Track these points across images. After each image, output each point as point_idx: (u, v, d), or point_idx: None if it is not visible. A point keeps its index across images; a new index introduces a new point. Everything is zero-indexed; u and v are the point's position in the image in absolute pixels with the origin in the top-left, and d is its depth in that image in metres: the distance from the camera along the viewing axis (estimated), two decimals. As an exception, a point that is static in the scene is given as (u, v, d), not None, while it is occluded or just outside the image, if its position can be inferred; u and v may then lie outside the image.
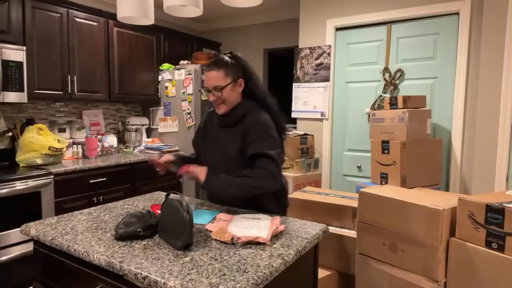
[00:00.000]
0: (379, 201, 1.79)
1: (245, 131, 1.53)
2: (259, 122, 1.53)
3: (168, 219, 1.24)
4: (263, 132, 1.51)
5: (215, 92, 1.55)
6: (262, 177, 1.44)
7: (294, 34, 3.88)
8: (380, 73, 3.20)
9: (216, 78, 1.53)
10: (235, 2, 1.79)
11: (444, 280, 1.59)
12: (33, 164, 2.71)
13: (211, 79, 1.54)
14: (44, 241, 1.28)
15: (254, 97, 1.60)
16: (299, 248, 1.19)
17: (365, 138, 3.25)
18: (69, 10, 3.01)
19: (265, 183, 1.45)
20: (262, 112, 1.57)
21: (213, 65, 1.56)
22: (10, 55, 2.56)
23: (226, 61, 1.55)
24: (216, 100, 1.57)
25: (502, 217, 1.40)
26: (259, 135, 1.50)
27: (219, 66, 1.54)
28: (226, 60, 1.56)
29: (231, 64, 1.55)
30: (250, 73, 1.61)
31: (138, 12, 1.82)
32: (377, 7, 3.17)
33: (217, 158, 1.61)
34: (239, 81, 1.57)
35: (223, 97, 1.55)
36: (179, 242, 1.16)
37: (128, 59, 3.54)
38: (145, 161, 3.30)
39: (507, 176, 2.53)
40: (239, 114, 1.58)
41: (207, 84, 1.56)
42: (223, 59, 1.56)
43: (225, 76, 1.53)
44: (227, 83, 1.54)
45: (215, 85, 1.54)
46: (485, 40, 2.59)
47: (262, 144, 1.48)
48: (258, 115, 1.55)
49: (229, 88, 1.54)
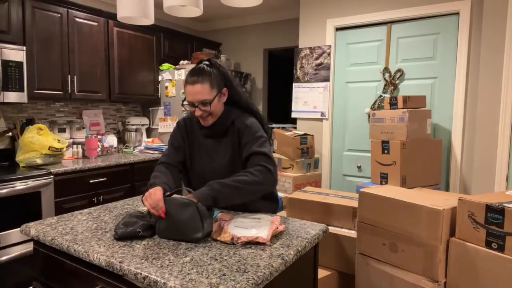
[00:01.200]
0: (379, 201, 1.79)
1: (237, 137, 1.53)
2: (248, 125, 1.53)
3: (177, 216, 1.24)
4: (253, 134, 1.51)
5: (202, 107, 1.47)
6: (261, 173, 1.42)
7: (294, 34, 3.88)
8: (380, 73, 3.20)
9: (202, 92, 1.45)
10: (235, 2, 1.79)
11: (444, 280, 1.59)
12: (33, 164, 2.71)
13: (196, 93, 1.45)
14: (44, 241, 1.28)
15: (237, 104, 1.60)
16: (299, 248, 1.19)
17: (365, 138, 3.25)
18: (69, 10, 3.01)
19: (265, 179, 1.43)
20: (248, 116, 1.58)
21: (196, 77, 1.45)
22: (10, 55, 2.56)
23: (208, 72, 1.47)
24: (203, 114, 1.49)
25: (502, 217, 1.40)
26: (251, 137, 1.51)
27: (203, 78, 1.45)
28: (208, 70, 1.47)
29: (213, 74, 1.48)
30: (231, 80, 1.57)
31: (138, 12, 1.82)
32: (377, 7, 3.17)
33: (208, 169, 1.58)
34: (223, 91, 1.53)
35: (210, 110, 1.49)
36: (198, 233, 1.20)
37: (128, 59, 3.54)
38: (145, 161, 3.30)
39: (507, 176, 2.53)
40: (227, 122, 1.55)
41: (192, 99, 1.47)
42: (205, 69, 1.47)
43: (211, 89, 1.46)
44: (214, 95, 1.47)
45: (201, 99, 1.45)
46: (485, 40, 2.59)
47: (255, 144, 1.49)
48: (246, 120, 1.55)
49: (216, 100, 1.49)
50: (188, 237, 1.22)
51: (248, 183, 1.39)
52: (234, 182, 1.38)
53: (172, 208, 1.26)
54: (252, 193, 1.44)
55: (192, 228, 1.22)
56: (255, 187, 1.41)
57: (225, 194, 1.35)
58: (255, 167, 1.43)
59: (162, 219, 1.27)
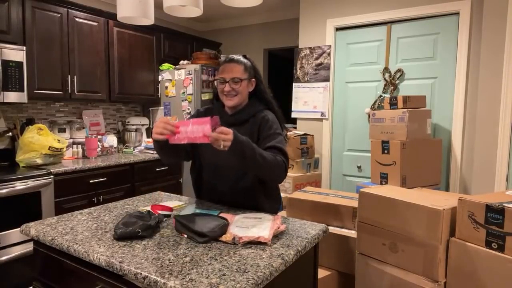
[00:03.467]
0: (379, 201, 1.79)
1: (257, 128, 1.59)
2: (270, 120, 1.61)
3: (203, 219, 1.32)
4: (274, 129, 1.58)
5: (233, 84, 1.58)
6: (279, 164, 1.47)
7: (294, 34, 3.88)
8: (380, 73, 3.20)
9: (237, 71, 1.59)
10: (235, 2, 1.79)
11: (444, 280, 1.59)
12: (33, 164, 2.71)
13: (231, 71, 1.59)
14: (44, 241, 1.28)
15: (261, 99, 1.69)
16: (299, 248, 1.19)
17: (365, 138, 3.25)
18: (69, 10, 3.01)
19: (279, 171, 1.48)
20: (270, 112, 1.67)
21: (233, 59, 1.63)
22: (10, 55, 2.56)
23: (243, 61, 1.64)
24: (231, 91, 1.59)
25: (502, 217, 1.40)
26: (271, 131, 1.57)
27: (239, 62, 1.62)
28: (243, 59, 1.65)
29: (247, 64, 1.64)
30: (260, 76, 1.70)
31: (138, 12, 1.82)
32: (377, 7, 3.17)
33: (222, 156, 1.56)
34: (252, 81, 1.66)
35: (239, 89, 1.59)
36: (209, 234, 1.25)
37: (128, 59, 3.54)
38: (145, 161, 3.30)
39: (507, 176, 2.53)
40: (249, 113, 1.64)
41: (224, 75, 1.59)
42: (241, 58, 1.64)
43: (244, 71, 1.61)
44: (245, 77, 1.61)
45: (234, 76, 1.58)
46: (485, 40, 2.59)
47: (275, 140, 1.54)
48: (269, 114, 1.64)
49: (245, 83, 1.61)
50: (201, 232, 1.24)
51: (268, 164, 1.43)
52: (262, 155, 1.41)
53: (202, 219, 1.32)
54: (264, 172, 1.48)
55: (209, 229, 1.25)
56: (270, 171, 1.46)
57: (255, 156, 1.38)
58: (278, 156, 1.49)
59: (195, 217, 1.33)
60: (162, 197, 1.86)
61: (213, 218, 1.36)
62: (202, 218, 1.34)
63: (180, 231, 1.29)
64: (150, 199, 1.80)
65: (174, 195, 1.91)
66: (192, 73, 3.66)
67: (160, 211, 1.49)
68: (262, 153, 1.42)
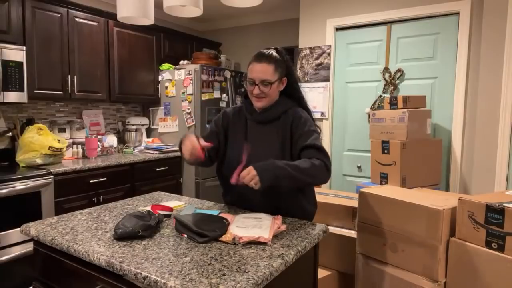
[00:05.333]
0: (379, 201, 1.79)
1: (289, 126, 1.52)
2: (304, 117, 1.53)
3: (204, 219, 1.34)
4: (308, 126, 1.50)
5: (262, 87, 1.49)
6: (319, 168, 1.40)
7: (294, 34, 3.88)
8: (380, 73, 3.20)
9: (267, 72, 1.48)
10: (235, 2, 1.79)
11: (444, 280, 1.59)
12: (33, 164, 2.71)
13: (261, 72, 1.48)
14: (44, 241, 1.28)
15: (293, 96, 1.60)
16: (299, 248, 1.19)
17: (365, 138, 3.25)
18: (69, 10, 3.01)
19: (321, 174, 1.41)
20: (302, 109, 1.57)
21: (264, 58, 1.50)
22: (10, 55, 2.56)
23: (275, 57, 1.51)
24: (260, 94, 1.50)
25: (502, 217, 1.40)
26: (306, 129, 1.49)
27: (269, 60, 1.49)
28: (275, 56, 1.52)
29: (279, 61, 1.52)
30: (292, 73, 1.59)
31: (138, 12, 1.82)
32: (377, 7, 3.17)
33: (256, 155, 1.49)
34: (283, 80, 1.56)
35: (269, 92, 1.50)
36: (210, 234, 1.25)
37: (128, 59, 3.54)
38: (145, 161, 3.30)
39: (507, 176, 2.53)
40: (280, 110, 1.55)
41: (254, 76, 1.49)
42: (273, 54, 1.52)
43: (274, 72, 1.49)
44: (275, 79, 1.50)
45: (263, 79, 1.48)
46: (485, 40, 2.59)
47: (311, 138, 1.47)
48: (301, 112, 1.55)
49: (275, 85, 1.51)
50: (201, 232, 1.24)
51: (307, 173, 1.37)
52: (297, 168, 1.35)
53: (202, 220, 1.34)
54: (305, 182, 1.42)
55: (209, 230, 1.25)
56: (312, 178, 1.40)
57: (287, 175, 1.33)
58: (315, 160, 1.41)
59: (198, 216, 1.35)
60: (162, 197, 1.86)
61: (213, 218, 1.36)
62: (202, 218, 1.34)
63: (180, 231, 1.29)
64: (150, 199, 1.80)
65: (174, 195, 1.91)
66: (192, 73, 3.66)
67: (160, 211, 1.49)
68: (297, 165, 1.35)
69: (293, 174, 1.34)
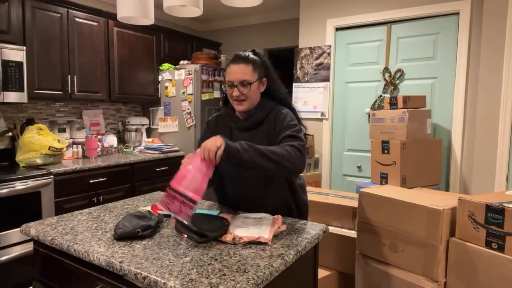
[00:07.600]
0: (379, 201, 1.79)
1: (272, 125, 1.49)
2: (284, 113, 1.50)
3: (203, 219, 1.34)
4: (288, 121, 1.47)
5: (241, 88, 1.45)
6: (292, 151, 1.34)
7: (294, 34, 3.88)
8: (380, 73, 3.20)
9: (245, 72, 1.45)
10: (235, 2, 1.79)
11: (444, 280, 1.59)
12: (33, 164, 2.71)
13: (239, 73, 1.45)
14: (44, 241, 1.28)
15: (274, 97, 1.57)
16: (299, 248, 1.19)
17: (365, 138, 3.25)
18: (69, 10, 3.01)
19: (294, 157, 1.33)
20: (284, 108, 1.54)
21: (241, 59, 1.48)
22: (10, 55, 2.56)
23: (252, 58, 1.50)
24: (240, 96, 1.47)
25: (502, 217, 1.40)
26: (286, 123, 1.47)
27: (247, 61, 1.47)
28: (252, 57, 1.50)
29: (257, 62, 1.50)
30: (272, 73, 1.56)
31: (138, 12, 1.82)
32: (377, 7, 3.17)
33: None
34: (263, 81, 1.53)
35: (248, 93, 1.47)
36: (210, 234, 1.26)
37: (128, 59, 3.54)
38: (145, 161, 3.30)
39: (507, 176, 2.53)
40: (263, 113, 1.52)
41: (232, 78, 1.46)
42: (249, 56, 1.50)
43: (253, 72, 1.47)
44: (254, 79, 1.48)
45: (242, 79, 1.45)
46: (485, 40, 2.59)
47: (289, 130, 1.44)
48: (283, 109, 1.52)
49: (255, 85, 1.48)
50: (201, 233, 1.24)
51: (276, 154, 1.31)
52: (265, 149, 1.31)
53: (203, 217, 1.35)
54: (277, 165, 1.32)
55: (209, 230, 1.26)
56: (283, 162, 1.32)
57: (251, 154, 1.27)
58: (289, 147, 1.36)
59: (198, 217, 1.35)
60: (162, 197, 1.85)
61: (213, 218, 1.36)
62: (202, 218, 1.34)
63: (180, 231, 1.29)
64: (150, 199, 1.80)
65: (174, 195, 1.90)
66: (192, 73, 3.66)
67: (160, 211, 1.49)
68: (268, 148, 1.30)
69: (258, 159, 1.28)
